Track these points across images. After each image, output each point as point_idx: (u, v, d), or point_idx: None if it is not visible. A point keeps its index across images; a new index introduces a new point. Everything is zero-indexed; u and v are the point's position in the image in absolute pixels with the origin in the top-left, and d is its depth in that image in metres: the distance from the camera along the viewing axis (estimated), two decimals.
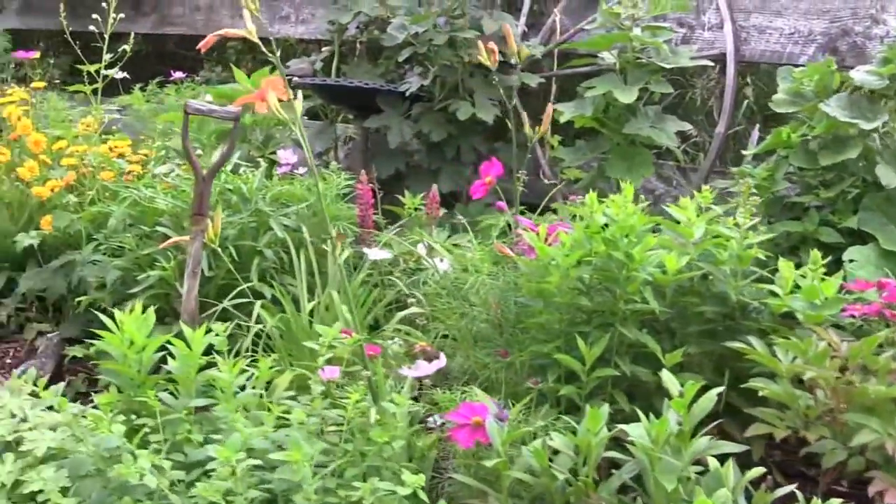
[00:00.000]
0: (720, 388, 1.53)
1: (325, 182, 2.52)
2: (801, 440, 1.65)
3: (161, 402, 1.61)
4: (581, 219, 1.85)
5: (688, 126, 2.86)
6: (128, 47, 3.22)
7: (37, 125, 3.03)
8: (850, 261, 2.13)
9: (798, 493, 1.44)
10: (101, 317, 1.72)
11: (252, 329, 2.04)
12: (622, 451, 1.51)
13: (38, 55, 4.30)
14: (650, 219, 1.82)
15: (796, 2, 2.93)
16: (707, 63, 2.89)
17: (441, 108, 3.10)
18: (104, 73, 3.15)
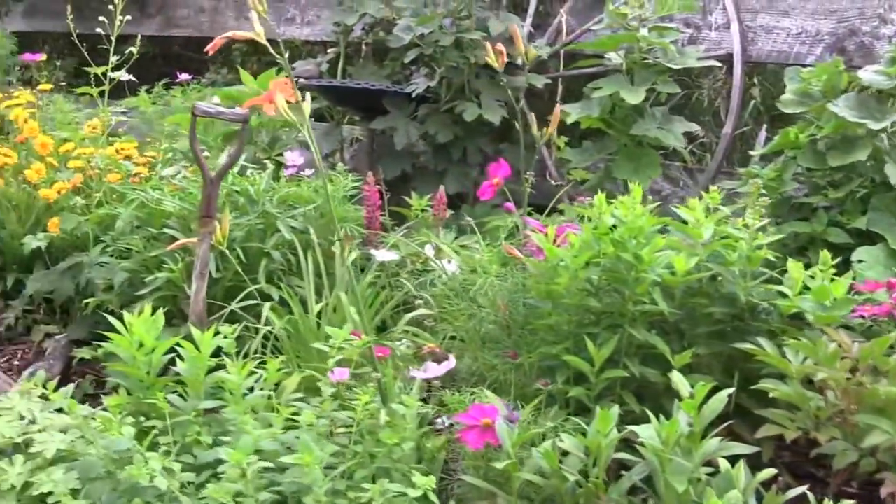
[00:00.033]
0: (730, 390, 1.53)
1: (332, 184, 2.52)
2: (810, 441, 1.64)
3: (170, 403, 1.61)
4: (589, 220, 1.85)
5: (695, 127, 2.85)
6: (134, 49, 3.22)
7: (43, 127, 3.04)
8: (859, 261, 2.12)
9: (809, 495, 1.44)
10: (110, 319, 1.73)
11: (260, 331, 2.04)
12: (632, 453, 1.51)
13: (44, 58, 4.31)
14: (659, 220, 1.82)
15: (804, 2, 2.92)
16: (714, 63, 2.89)
17: (447, 110, 3.10)
18: (111, 75, 3.15)
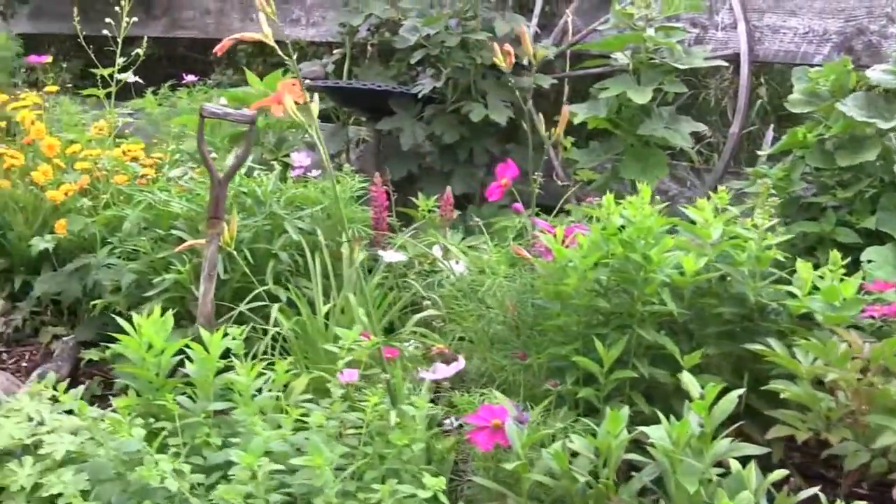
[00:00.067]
0: (741, 390, 1.52)
1: (339, 184, 2.52)
2: (820, 442, 1.63)
3: (179, 405, 1.61)
4: (597, 220, 1.85)
5: (702, 127, 2.85)
6: (141, 51, 3.23)
7: (50, 129, 3.04)
8: (869, 261, 2.12)
9: (821, 496, 1.43)
10: (119, 320, 1.73)
11: (268, 332, 2.04)
12: (642, 454, 1.50)
13: (49, 60, 4.31)
14: (667, 220, 1.81)
15: (811, 1, 2.91)
16: (721, 63, 2.88)
17: (454, 110, 3.10)
18: (117, 76, 3.15)
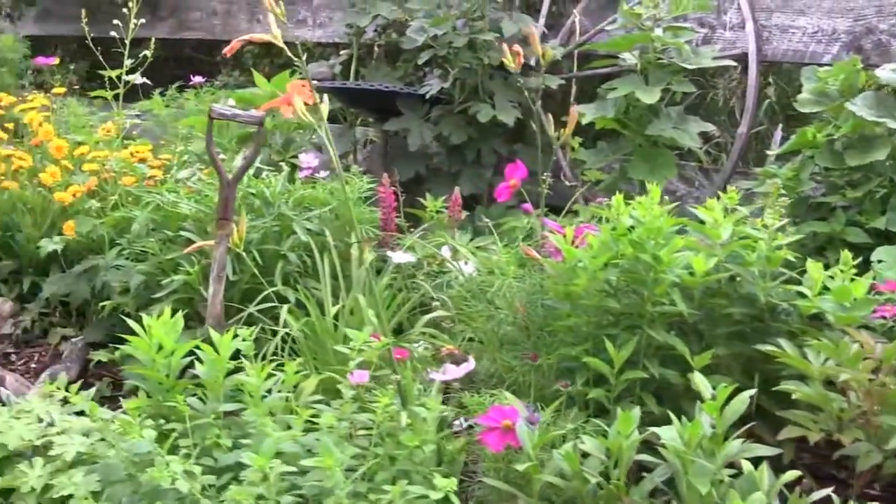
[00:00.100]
0: (752, 391, 1.52)
1: (348, 185, 2.52)
2: (831, 443, 1.63)
3: (190, 406, 1.61)
4: (607, 221, 1.84)
5: (710, 127, 2.84)
6: (148, 52, 3.23)
7: (58, 131, 3.05)
8: (879, 261, 2.11)
9: (834, 497, 1.42)
10: (128, 321, 1.73)
11: (278, 333, 2.04)
12: (653, 455, 1.50)
13: (56, 61, 4.33)
14: (677, 220, 1.81)
15: (819, 0, 2.91)
16: (729, 63, 2.88)
17: (461, 111, 3.10)
18: (125, 78, 3.16)
